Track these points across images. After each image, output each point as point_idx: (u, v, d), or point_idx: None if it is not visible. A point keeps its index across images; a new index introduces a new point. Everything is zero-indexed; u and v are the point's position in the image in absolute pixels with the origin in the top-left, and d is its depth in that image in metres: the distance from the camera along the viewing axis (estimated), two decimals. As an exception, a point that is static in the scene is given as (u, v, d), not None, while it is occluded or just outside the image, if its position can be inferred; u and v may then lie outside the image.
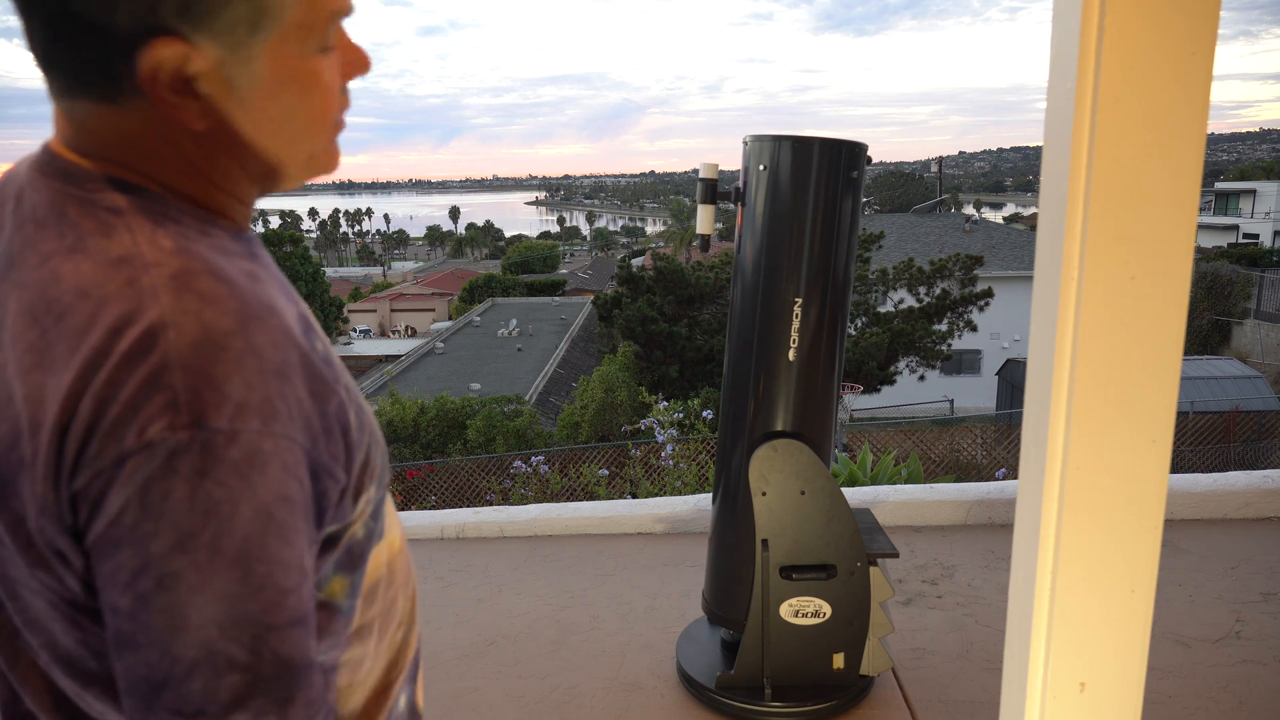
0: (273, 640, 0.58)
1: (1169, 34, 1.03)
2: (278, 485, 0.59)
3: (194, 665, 0.56)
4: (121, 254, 0.61)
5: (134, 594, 0.56)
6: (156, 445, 0.55)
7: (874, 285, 18.14)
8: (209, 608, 0.56)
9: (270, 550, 0.58)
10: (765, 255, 2.31)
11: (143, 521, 0.56)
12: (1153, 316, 1.11)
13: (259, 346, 0.60)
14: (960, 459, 12.18)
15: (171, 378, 0.56)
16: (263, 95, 0.65)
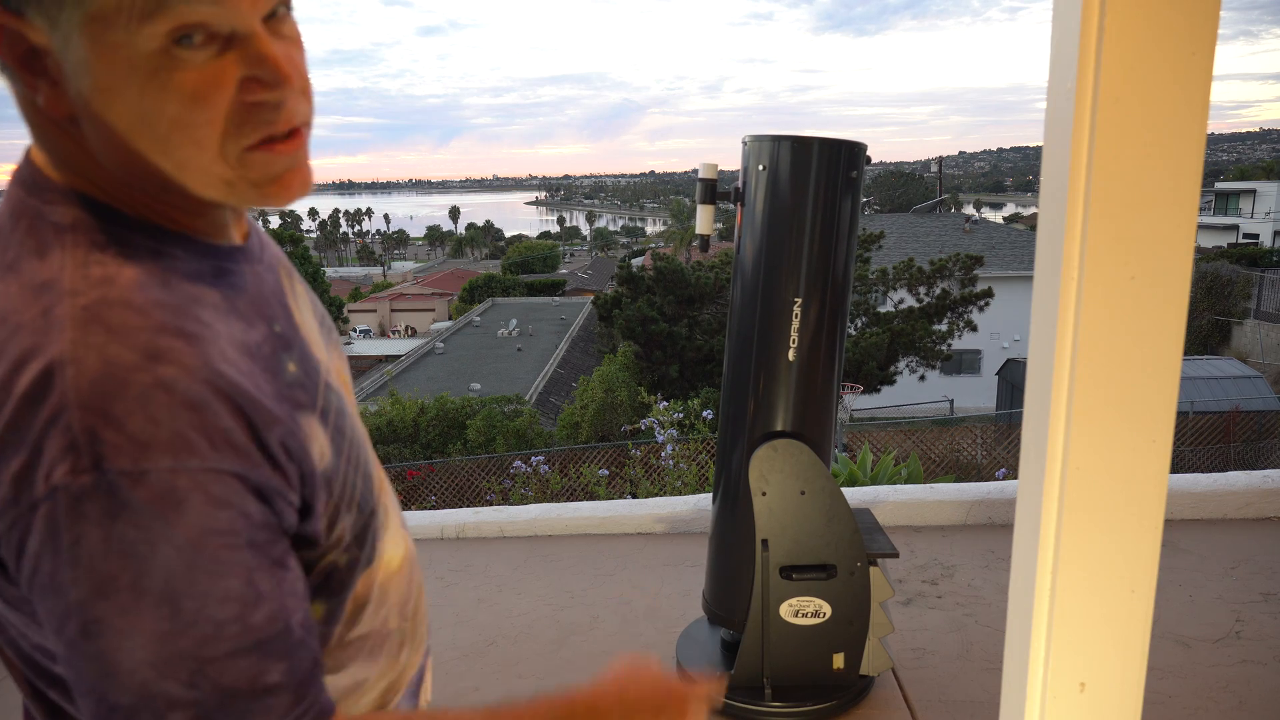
0: (212, 673, 0.56)
1: (1169, 34, 1.03)
2: (201, 519, 0.56)
3: (133, 709, 0.55)
4: (45, 279, 0.58)
5: (64, 640, 0.55)
6: (60, 491, 0.54)
7: (874, 285, 18.14)
8: (140, 650, 0.55)
9: (200, 585, 0.56)
10: (765, 255, 2.31)
11: (59, 569, 0.54)
12: (1153, 316, 1.11)
13: (167, 380, 0.56)
14: (960, 459, 12.18)
15: (70, 418, 0.54)
16: (96, 85, 0.58)
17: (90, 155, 0.62)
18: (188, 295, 0.62)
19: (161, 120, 0.59)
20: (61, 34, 0.56)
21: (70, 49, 0.57)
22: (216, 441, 0.57)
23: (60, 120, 0.60)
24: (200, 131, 0.60)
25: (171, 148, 0.60)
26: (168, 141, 0.60)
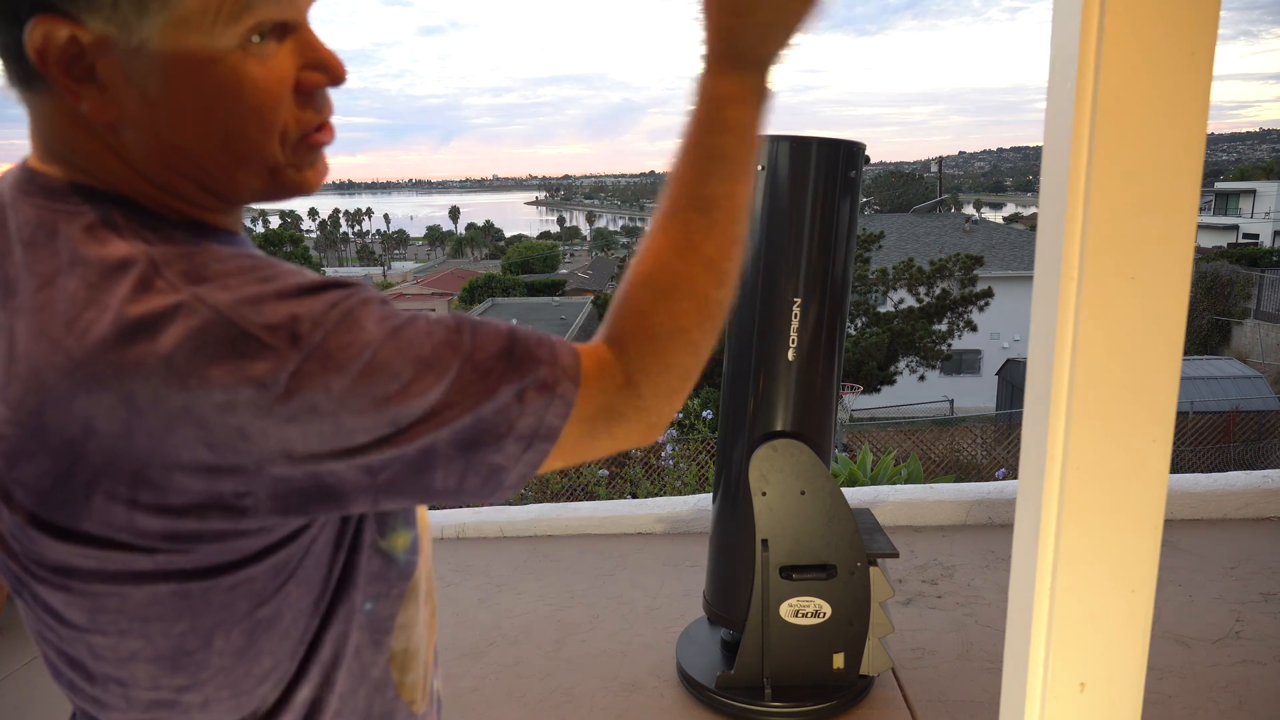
0: (488, 327, 0.63)
1: (1169, 34, 1.03)
2: (386, 307, 0.61)
3: (468, 357, 0.61)
4: (122, 258, 0.58)
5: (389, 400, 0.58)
6: (278, 378, 0.55)
7: (874, 285, 18.14)
8: (423, 343, 0.59)
9: (426, 319, 0.62)
10: (764, 255, 2.31)
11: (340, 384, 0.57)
12: (1153, 316, 1.11)
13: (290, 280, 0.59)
14: (960, 459, 12.19)
15: (242, 329, 0.55)
16: (168, 88, 0.58)
17: (120, 158, 0.61)
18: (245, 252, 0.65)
19: (233, 114, 0.60)
20: (136, 39, 0.56)
21: (143, 54, 0.56)
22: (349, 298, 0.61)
23: (105, 126, 0.59)
24: (267, 121, 0.61)
25: (235, 141, 0.61)
26: (234, 135, 0.61)
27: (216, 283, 0.57)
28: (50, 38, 0.55)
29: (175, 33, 0.56)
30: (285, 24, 0.60)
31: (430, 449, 0.59)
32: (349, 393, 0.56)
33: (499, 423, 0.61)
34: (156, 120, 0.59)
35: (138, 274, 0.56)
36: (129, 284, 0.56)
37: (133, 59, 0.57)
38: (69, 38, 0.55)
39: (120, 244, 0.58)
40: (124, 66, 0.57)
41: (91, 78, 0.57)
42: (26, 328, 0.57)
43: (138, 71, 0.57)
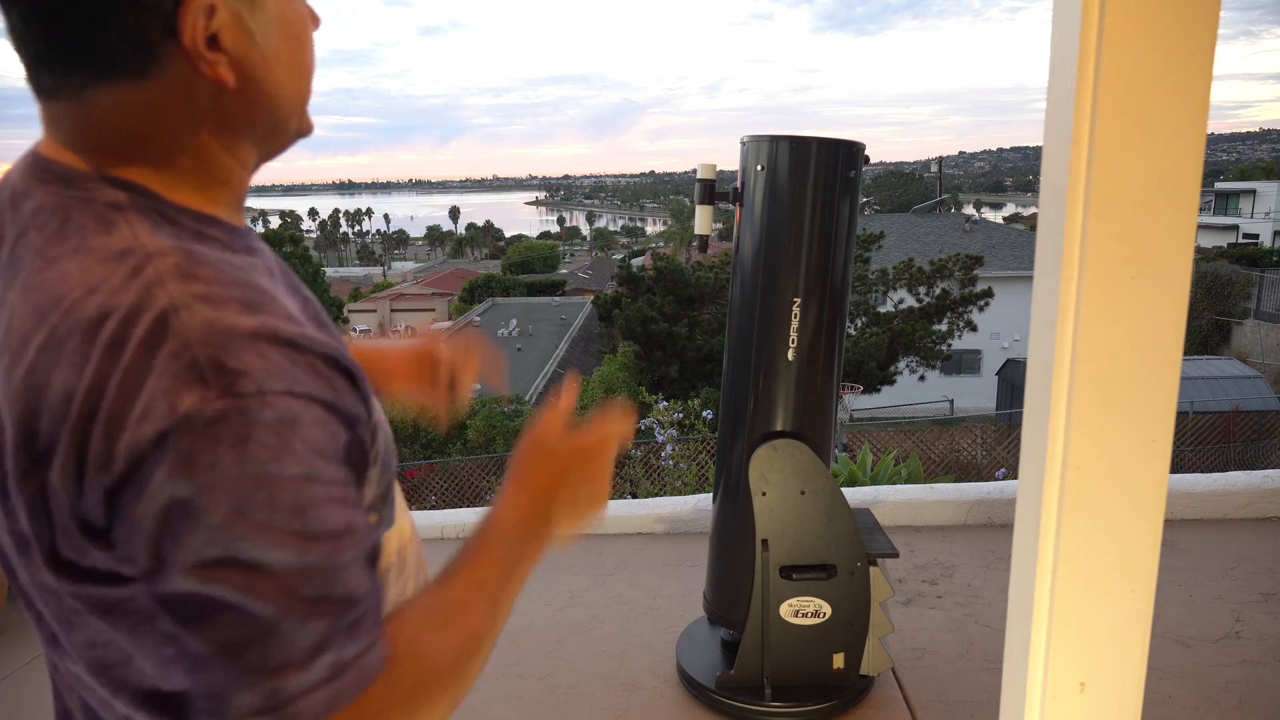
0: (339, 581, 0.61)
1: (1169, 34, 1.03)
2: (312, 438, 0.60)
3: (274, 621, 0.58)
4: (123, 248, 0.62)
5: (201, 567, 0.57)
6: (194, 417, 0.56)
7: (874, 285, 18.14)
8: (277, 565, 0.58)
9: (319, 499, 0.60)
10: (764, 255, 2.31)
11: (196, 495, 0.56)
12: (1153, 316, 1.11)
13: (267, 322, 0.61)
14: (960, 459, 12.19)
15: (194, 354, 0.57)
16: (276, 40, 0.69)
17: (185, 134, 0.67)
18: (243, 263, 0.67)
19: (308, 52, 0.73)
20: (256, 5, 0.66)
21: (264, 15, 0.67)
22: (310, 373, 0.62)
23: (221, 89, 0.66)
24: (313, 57, 0.74)
25: (305, 75, 0.73)
26: (305, 70, 0.73)
27: (202, 291, 0.60)
28: (201, 16, 0.63)
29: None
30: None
31: (206, 614, 0.58)
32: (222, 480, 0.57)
33: (277, 656, 0.59)
34: (266, 73, 0.68)
35: (132, 265, 0.60)
36: (122, 274, 0.60)
37: (256, 20, 0.67)
38: (211, 12, 0.63)
39: (126, 234, 0.63)
40: (249, 29, 0.66)
41: (219, 47, 0.65)
42: (25, 303, 0.61)
43: (259, 29, 0.67)
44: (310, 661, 0.59)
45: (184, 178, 0.68)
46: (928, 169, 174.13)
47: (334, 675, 0.60)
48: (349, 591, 0.62)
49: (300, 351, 0.62)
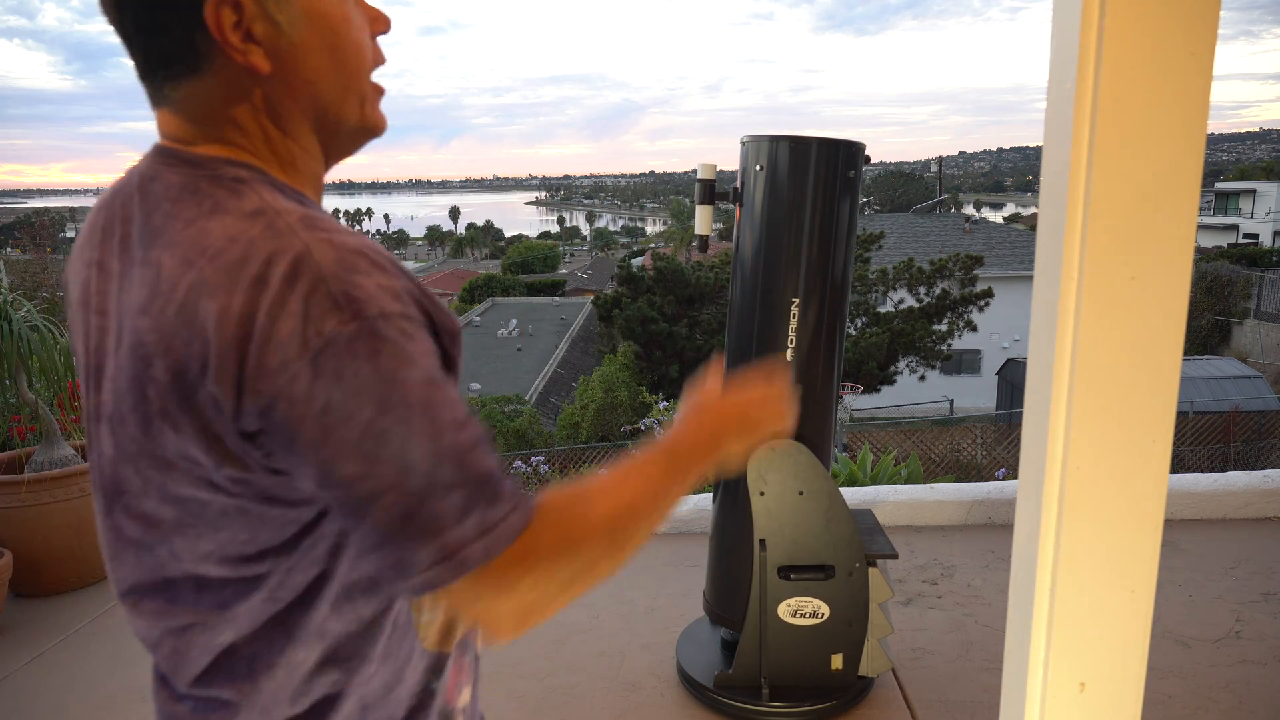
0: (469, 460, 0.72)
1: (1169, 33, 1.03)
2: (425, 348, 0.72)
3: (425, 493, 0.70)
4: (255, 208, 0.73)
5: (361, 458, 0.69)
6: (336, 338, 0.68)
7: (874, 285, 18.14)
8: (419, 448, 0.69)
9: (439, 396, 0.71)
10: (763, 255, 2.31)
11: (348, 400, 0.68)
12: (1153, 316, 1.11)
13: (379, 259, 0.73)
14: (960, 459, 12.19)
15: (330, 287, 0.69)
16: (306, 31, 0.77)
17: (253, 120, 0.79)
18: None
19: (346, 45, 0.80)
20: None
21: (292, 8, 0.76)
22: (412, 298, 0.74)
23: (260, 76, 0.77)
24: (364, 52, 0.82)
25: (347, 69, 0.81)
26: (346, 63, 0.81)
27: (325, 237, 0.72)
28: (224, 9, 0.73)
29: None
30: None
31: (372, 498, 0.69)
32: (365, 385, 0.68)
33: (434, 521, 0.70)
34: (299, 61, 0.78)
35: (266, 220, 0.72)
36: (259, 227, 0.72)
37: (284, 13, 0.76)
38: (235, 5, 0.73)
39: (254, 198, 0.74)
40: (276, 20, 0.75)
41: (253, 39, 0.75)
42: (171, 256, 0.73)
43: (286, 20, 0.76)
44: (461, 521, 0.70)
45: (266, 163, 0.80)
46: (928, 169, 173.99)
47: (483, 532, 0.71)
48: (480, 468, 0.72)
49: (403, 282, 0.74)
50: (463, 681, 0.95)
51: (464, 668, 0.96)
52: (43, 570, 3.38)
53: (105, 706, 2.67)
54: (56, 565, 3.40)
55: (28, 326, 3.36)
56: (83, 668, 2.90)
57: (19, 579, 3.32)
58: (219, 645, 0.80)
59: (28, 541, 3.31)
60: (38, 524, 3.32)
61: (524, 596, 0.74)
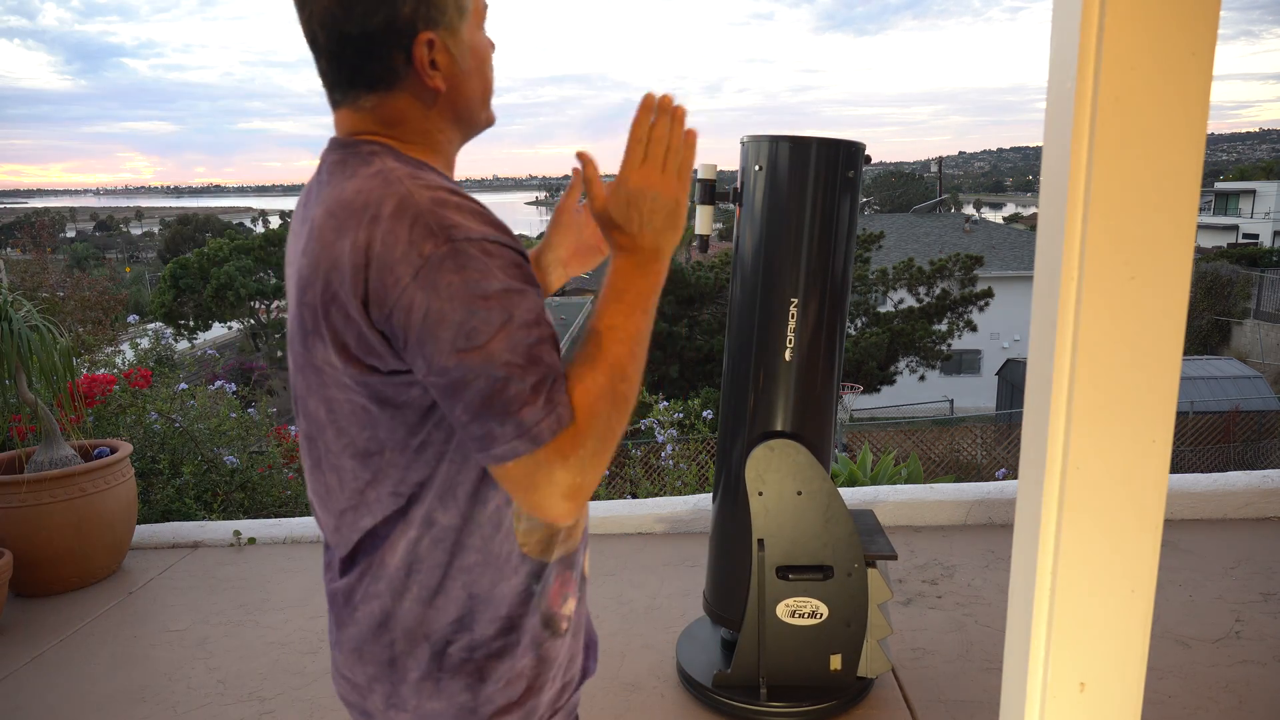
0: (539, 351, 0.89)
1: (1169, 34, 1.03)
2: (507, 263, 0.89)
3: (506, 378, 0.87)
4: (377, 169, 0.95)
5: (456, 351, 0.87)
6: (433, 256, 0.87)
7: (874, 285, 18.14)
8: (500, 341, 0.87)
9: (516, 301, 0.88)
10: (763, 255, 2.31)
11: (445, 305, 0.86)
12: (1153, 316, 1.11)
13: (467, 203, 0.93)
14: (960, 459, 12.20)
15: (427, 219, 0.88)
16: (468, 58, 1.02)
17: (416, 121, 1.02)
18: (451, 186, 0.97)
19: (489, 68, 1.06)
20: (457, 37, 1.00)
21: (460, 44, 1.01)
22: (499, 228, 0.93)
23: (436, 95, 1.01)
24: (492, 71, 1.07)
25: (488, 85, 1.07)
26: (488, 81, 1.06)
27: (424, 184, 0.92)
28: (424, 48, 0.97)
29: (471, 27, 1.02)
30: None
31: (463, 383, 0.87)
32: (455, 293, 0.86)
33: (512, 401, 0.87)
34: (461, 82, 1.02)
35: (383, 176, 0.94)
36: (377, 181, 0.93)
37: (456, 46, 1.00)
38: (429, 44, 0.98)
39: (379, 164, 0.96)
40: (452, 52, 1.00)
41: (435, 66, 0.99)
42: (321, 210, 0.95)
43: (457, 52, 1.01)
44: (535, 400, 0.87)
45: (414, 146, 1.02)
46: (928, 169, 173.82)
47: (550, 410, 0.88)
48: (549, 361, 0.89)
49: (485, 216, 0.93)
50: (567, 593, 1.10)
51: (569, 581, 1.11)
52: (43, 570, 3.38)
53: (105, 706, 2.67)
54: (56, 565, 3.40)
55: (28, 326, 3.36)
56: (83, 668, 2.90)
57: (19, 579, 3.32)
58: (362, 528, 1.00)
59: (28, 541, 3.31)
60: (38, 524, 3.32)
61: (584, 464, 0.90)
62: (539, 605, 1.06)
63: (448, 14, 0.99)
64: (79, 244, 65.22)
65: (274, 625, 3.15)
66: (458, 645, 1.01)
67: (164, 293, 23.86)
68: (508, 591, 1.03)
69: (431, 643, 1.01)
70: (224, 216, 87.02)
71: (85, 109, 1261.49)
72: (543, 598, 1.07)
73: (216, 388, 5.36)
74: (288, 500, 4.88)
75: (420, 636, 1.01)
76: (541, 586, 1.06)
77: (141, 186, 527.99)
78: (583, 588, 1.17)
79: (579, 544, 1.14)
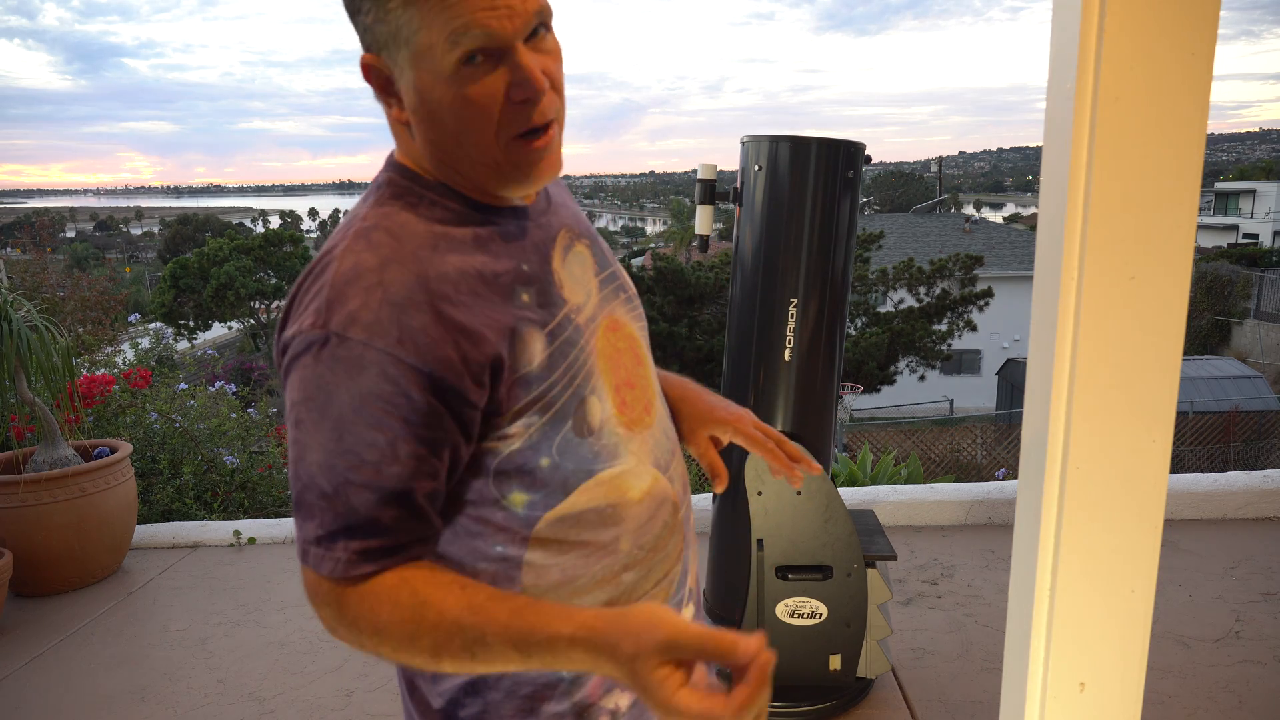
0: (348, 491, 0.81)
1: (1169, 34, 1.03)
2: (372, 385, 0.80)
3: (305, 487, 0.82)
4: (359, 214, 0.88)
5: (289, 425, 0.83)
6: (303, 334, 0.81)
7: (874, 285, 18.14)
8: (314, 451, 0.81)
9: (357, 429, 0.80)
10: (763, 255, 2.31)
11: (293, 380, 0.82)
12: (1153, 316, 1.11)
13: (387, 283, 0.81)
14: (960, 459, 12.20)
15: (327, 293, 0.81)
16: (418, 100, 0.84)
17: (406, 140, 0.90)
18: (439, 233, 0.87)
19: (456, 117, 0.84)
20: (399, 66, 0.84)
21: (404, 75, 0.84)
22: (404, 336, 0.80)
23: (403, 124, 0.88)
24: (482, 123, 0.84)
25: (463, 137, 0.85)
26: (460, 133, 0.85)
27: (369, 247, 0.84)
28: (368, 68, 0.86)
29: (416, 61, 0.82)
30: (494, 50, 0.81)
31: (288, 465, 0.84)
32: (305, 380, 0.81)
33: (305, 510, 0.83)
34: (418, 122, 0.86)
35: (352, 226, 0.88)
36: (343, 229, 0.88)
37: (402, 79, 0.84)
38: (375, 67, 0.85)
39: (369, 202, 0.89)
40: (400, 85, 0.85)
41: (394, 92, 0.86)
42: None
43: (405, 87, 0.85)
44: (316, 526, 0.82)
45: (431, 167, 0.89)
46: (928, 169, 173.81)
47: (321, 546, 0.82)
48: (352, 505, 0.81)
49: (406, 314, 0.81)
50: (613, 684, 0.95)
51: None
52: (42, 570, 3.38)
53: (105, 706, 2.67)
54: (56, 565, 3.40)
55: (28, 326, 3.36)
56: (83, 668, 2.90)
57: (19, 579, 3.32)
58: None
59: (27, 541, 3.31)
60: (37, 524, 3.32)
61: (328, 619, 0.84)
62: (570, 694, 0.94)
63: (379, 41, 0.84)
64: (79, 244, 65.21)
65: (274, 625, 3.15)
66: (469, 711, 0.94)
67: (164, 293, 23.87)
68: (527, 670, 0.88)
69: (445, 701, 0.95)
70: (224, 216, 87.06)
71: (85, 109, 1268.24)
72: (577, 688, 0.94)
73: (217, 388, 5.36)
74: (288, 500, 4.88)
75: (435, 692, 0.96)
76: (574, 677, 0.93)
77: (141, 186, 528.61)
78: None
79: None
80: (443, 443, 0.83)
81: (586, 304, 0.95)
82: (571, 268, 0.96)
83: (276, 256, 24.45)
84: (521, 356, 0.86)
